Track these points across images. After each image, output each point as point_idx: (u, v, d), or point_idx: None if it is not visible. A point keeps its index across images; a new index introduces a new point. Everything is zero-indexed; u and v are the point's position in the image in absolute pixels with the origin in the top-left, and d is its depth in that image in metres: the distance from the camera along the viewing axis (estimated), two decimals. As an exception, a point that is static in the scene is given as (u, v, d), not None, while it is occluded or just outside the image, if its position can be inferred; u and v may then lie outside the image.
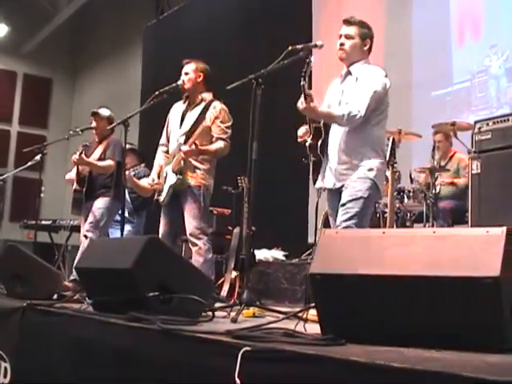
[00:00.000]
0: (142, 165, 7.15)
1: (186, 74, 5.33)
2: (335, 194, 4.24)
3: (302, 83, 3.90)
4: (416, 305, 2.23)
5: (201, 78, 5.33)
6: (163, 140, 5.50)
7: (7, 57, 16.98)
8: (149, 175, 5.60)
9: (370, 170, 4.13)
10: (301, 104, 4.03)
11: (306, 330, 2.50)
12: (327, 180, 4.28)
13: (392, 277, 2.25)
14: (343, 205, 4.09)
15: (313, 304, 2.51)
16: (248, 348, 2.09)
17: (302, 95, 3.96)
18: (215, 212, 7.88)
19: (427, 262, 2.22)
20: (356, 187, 4.09)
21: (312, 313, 2.79)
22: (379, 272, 2.27)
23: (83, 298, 3.89)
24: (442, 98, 8.29)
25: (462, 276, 2.13)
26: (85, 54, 17.72)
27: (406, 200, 6.50)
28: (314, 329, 2.47)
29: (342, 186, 4.17)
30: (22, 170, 7.84)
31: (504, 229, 2.18)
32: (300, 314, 2.90)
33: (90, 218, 6.26)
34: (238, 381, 2.08)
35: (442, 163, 6.94)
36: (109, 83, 16.16)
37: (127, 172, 6.18)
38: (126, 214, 7.38)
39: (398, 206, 6.53)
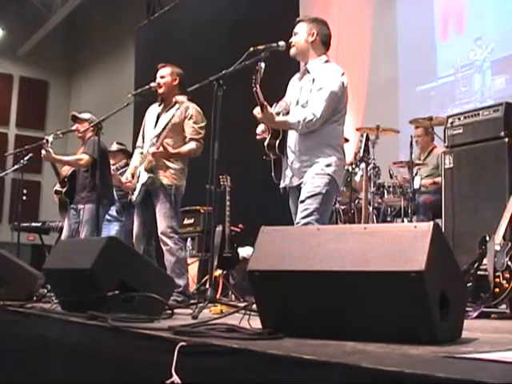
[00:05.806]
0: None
1: (162, 77, 5.42)
2: (295, 190, 4.27)
3: (254, 89, 3.92)
4: (350, 300, 2.25)
5: (176, 82, 5.43)
6: (139, 142, 5.57)
7: (3, 60, 17.07)
8: None
9: (328, 165, 4.16)
10: (257, 113, 4.08)
11: (250, 325, 2.54)
12: (288, 178, 4.31)
13: (325, 272, 2.28)
14: (302, 201, 4.11)
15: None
16: (183, 343, 2.14)
17: (258, 104, 4.01)
18: (202, 211, 7.92)
19: (358, 258, 2.24)
20: (314, 183, 4.12)
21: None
22: (314, 268, 2.31)
23: (51, 298, 3.97)
24: (427, 93, 8.34)
25: (389, 271, 2.16)
26: (80, 56, 17.81)
27: (386, 195, 6.52)
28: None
29: (302, 182, 4.20)
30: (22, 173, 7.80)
31: (431, 223, 2.21)
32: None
33: (83, 233, 6.30)
34: (175, 375, 2.13)
35: (422, 157, 6.97)
36: (104, 84, 16.24)
37: (112, 170, 6.26)
38: (115, 213, 7.46)
39: (379, 201, 6.56)
